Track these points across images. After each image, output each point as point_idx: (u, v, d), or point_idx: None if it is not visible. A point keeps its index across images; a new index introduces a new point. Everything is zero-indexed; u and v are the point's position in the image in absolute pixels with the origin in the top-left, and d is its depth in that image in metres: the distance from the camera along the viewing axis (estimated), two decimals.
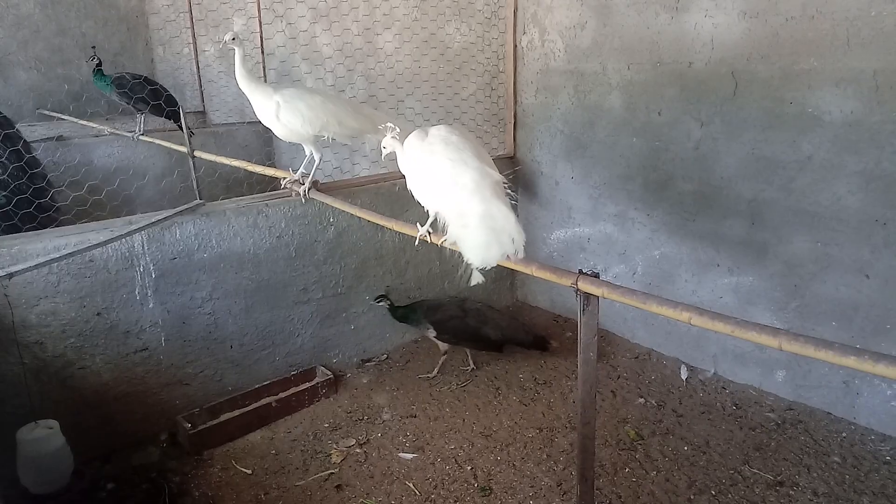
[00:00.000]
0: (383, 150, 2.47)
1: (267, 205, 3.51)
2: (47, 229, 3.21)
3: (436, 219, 2.38)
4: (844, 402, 3.29)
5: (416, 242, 2.55)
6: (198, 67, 6.53)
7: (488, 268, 2.09)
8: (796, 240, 3.32)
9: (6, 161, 3.90)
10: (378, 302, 3.88)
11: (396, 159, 2.47)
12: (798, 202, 3.28)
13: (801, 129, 3.20)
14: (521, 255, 2.06)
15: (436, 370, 3.91)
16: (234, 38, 3.13)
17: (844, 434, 3.18)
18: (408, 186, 2.36)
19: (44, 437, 2.63)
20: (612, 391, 3.66)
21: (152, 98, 4.87)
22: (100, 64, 4.94)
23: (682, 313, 1.87)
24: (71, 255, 2.73)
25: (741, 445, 3.13)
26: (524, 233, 2.04)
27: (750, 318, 2.17)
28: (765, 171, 3.38)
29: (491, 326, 3.88)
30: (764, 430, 3.25)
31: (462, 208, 2.09)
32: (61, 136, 5.27)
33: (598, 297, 2.07)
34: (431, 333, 3.82)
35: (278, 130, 3.20)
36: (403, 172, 2.40)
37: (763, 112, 3.33)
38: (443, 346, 3.87)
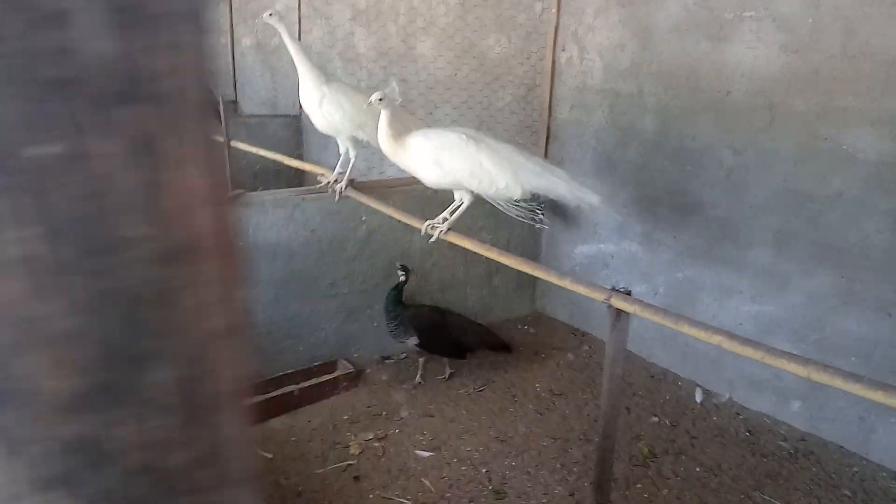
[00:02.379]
0: (375, 102, 2.71)
1: (304, 199, 3.61)
2: None
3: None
4: (858, 437, 3.32)
5: (423, 231, 2.93)
6: (233, 58, 6.64)
7: None
8: (820, 273, 3.37)
9: None
10: (399, 270, 3.78)
11: (380, 123, 2.76)
12: (825, 237, 3.33)
13: (833, 165, 3.25)
14: None
15: (418, 376, 3.90)
16: (271, 15, 3.04)
17: (856, 469, 3.22)
18: (461, 175, 2.72)
19: None
20: (626, 408, 3.72)
21: None
22: None
23: (713, 336, 1.94)
24: None
25: (753, 471, 3.18)
26: None
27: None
28: (793, 204, 3.43)
29: (470, 335, 3.95)
30: (776, 458, 3.29)
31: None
32: None
33: (629, 313, 2.14)
34: (413, 342, 3.73)
35: (317, 120, 3.22)
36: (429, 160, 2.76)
37: (797, 145, 3.38)
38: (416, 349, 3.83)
